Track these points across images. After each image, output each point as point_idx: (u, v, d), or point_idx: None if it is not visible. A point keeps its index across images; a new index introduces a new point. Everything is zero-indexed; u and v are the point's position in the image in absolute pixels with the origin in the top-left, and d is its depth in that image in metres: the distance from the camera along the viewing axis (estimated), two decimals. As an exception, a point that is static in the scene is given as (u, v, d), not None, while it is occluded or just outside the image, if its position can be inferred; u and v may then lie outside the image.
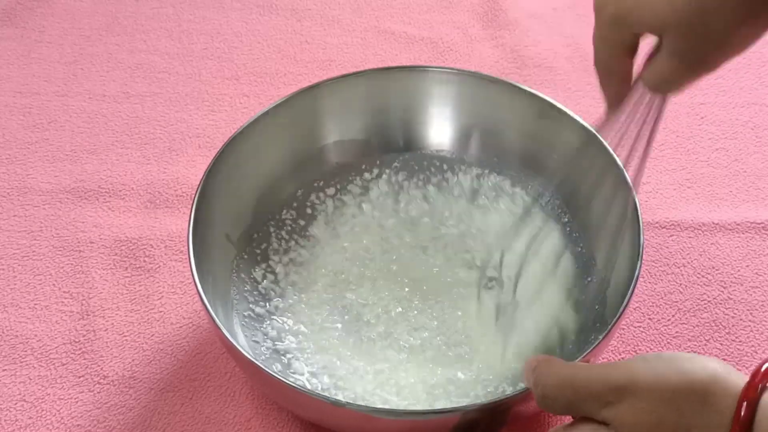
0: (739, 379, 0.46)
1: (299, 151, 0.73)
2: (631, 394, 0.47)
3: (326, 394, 0.62)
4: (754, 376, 0.45)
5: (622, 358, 0.67)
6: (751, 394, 0.45)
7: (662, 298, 0.71)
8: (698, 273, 0.73)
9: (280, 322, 0.67)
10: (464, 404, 0.60)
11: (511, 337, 0.64)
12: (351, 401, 0.60)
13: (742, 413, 0.44)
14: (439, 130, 0.75)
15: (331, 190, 0.74)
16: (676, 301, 0.71)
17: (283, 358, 0.65)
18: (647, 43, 0.53)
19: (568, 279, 0.68)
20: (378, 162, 0.75)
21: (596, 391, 0.47)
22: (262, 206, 0.71)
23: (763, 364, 0.45)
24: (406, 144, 0.76)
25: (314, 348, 0.66)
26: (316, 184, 0.74)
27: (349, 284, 0.70)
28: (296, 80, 0.90)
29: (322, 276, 0.70)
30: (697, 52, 0.51)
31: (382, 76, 0.74)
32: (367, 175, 0.75)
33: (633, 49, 0.54)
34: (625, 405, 0.47)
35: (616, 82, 0.55)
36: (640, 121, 0.57)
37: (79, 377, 0.67)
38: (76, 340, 0.69)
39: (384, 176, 0.75)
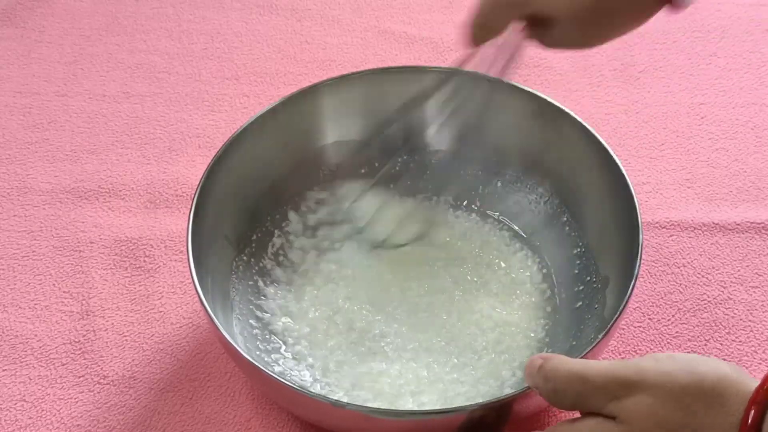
0: (750, 381, 0.46)
1: (299, 152, 0.73)
2: (639, 389, 0.47)
3: (326, 394, 0.62)
4: (765, 379, 0.45)
5: (623, 358, 0.67)
6: (760, 397, 0.45)
7: (662, 298, 0.71)
8: (698, 273, 0.73)
9: (279, 322, 0.67)
10: (465, 404, 0.60)
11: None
12: (350, 401, 0.60)
13: (751, 416, 0.44)
14: (439, 130, 0.75)
15: (330, 191, 0.74)
16: (676, 301, 0.71)
17: (282, 358, 0.65)
18: None
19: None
20: (377, 163, 0.75)
21: (605, 384, 0.48)
22: (261, 207, 0.71)
23: None
24: (405, 144, 0.76)
25: (313, 348, 0.66)
26: (315, 185, 0.74)
27: (348, 285, 0.69)
28: (296, 80, 0.90)
29: (321, 277, 0.70)
30: (587, 36, 0.60)
31: (382, 77, 0.74)
32: (366, 176, 0.75)
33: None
34: (632, 400, 0.47)
35: (490, 36, 0.60)
36: (502, 57, 0.62)
37: (79, 377, 0.67)
38: (76, 340, 0.69)
39: (383, 176, 0.75)
